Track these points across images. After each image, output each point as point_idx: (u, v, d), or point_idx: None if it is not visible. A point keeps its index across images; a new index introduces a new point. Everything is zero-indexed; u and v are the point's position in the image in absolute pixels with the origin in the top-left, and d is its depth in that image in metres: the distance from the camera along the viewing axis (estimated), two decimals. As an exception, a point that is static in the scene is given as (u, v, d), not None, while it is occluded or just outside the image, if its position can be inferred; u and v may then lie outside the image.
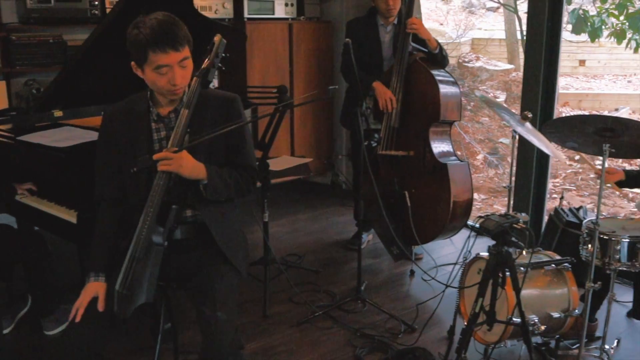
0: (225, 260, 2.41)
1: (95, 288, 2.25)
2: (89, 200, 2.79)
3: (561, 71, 9.40)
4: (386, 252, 4.06)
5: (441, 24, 10.65)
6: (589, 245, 2.94)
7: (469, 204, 3.90)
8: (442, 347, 3.15)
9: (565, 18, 6.91)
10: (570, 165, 6.86)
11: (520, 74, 8.51)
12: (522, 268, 2.94)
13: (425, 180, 3.88)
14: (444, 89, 3.79)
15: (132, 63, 2.21)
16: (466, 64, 8.81)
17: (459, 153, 4.08)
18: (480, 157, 7.03)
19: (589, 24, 6.71)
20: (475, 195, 6.46)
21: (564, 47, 9.13)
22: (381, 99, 3.90)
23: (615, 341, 3.27)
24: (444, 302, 3.35)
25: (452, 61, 8.22)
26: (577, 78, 9.39)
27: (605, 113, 8.38)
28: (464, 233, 3.82)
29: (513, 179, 3.50)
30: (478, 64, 8.84)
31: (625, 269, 2.92)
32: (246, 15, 4.80)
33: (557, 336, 3.16)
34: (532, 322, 2.94)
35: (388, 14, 4.03)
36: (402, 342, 3.25)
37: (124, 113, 2.36)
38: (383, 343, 3.23)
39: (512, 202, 3.49)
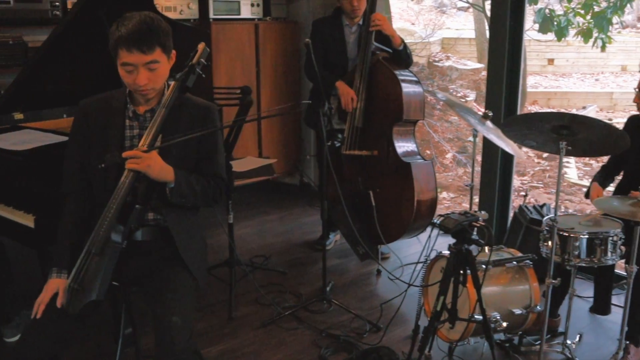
0: (184, 266, 2.39)
1: (57, 284, 2.22)
2: (47, 204, 2.76)
3: (530, 70, 9.58)
4: (353, 252, 4.06)
5: (412, 24, 10.71)
6: (549, 242, 2.96)
7: (433, 202, 3.91)
8: (407, 346, 3.14)
9: (532, 17, 7.01)
10: (539, 163, 6.95)
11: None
12: (483, 266, 2.97)
13: (389, 180, 3.89)
14: (406, 88, 3.80)
15: None
16: (436, 63, 8.87)
17: (428, 152, 4.10)
18: (449, 155, 7.08)
19: (555, 23, 6.78)
20: (445, 194, 6.53)
21: (533, 46, 9.30)
22: (343, 97, 3.90)
23: (578, 336, 3.31)
24: (409, 300, 3.36)
25: (422, 60, 8.27)
26: (546, 77, 9.52)
27: (574, 111, 8.50)
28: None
29: (476, 177, 3.52)
30: (448, 63, 8.90)
31: (584, 264, 2.95)
32: (212, 15, 4.77)
33: (520, 332, 3.18)
34: (494, 319, 2.97)
35: (353, 15, 4.03)
36: (367, 342, 3.25)
37: (99, 106, 2.36)
38: (348, 343, 3.23)
39: (475, 200, 3.51)
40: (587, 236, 2.90)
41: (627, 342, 3.06)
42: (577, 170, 6.92)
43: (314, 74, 3.58)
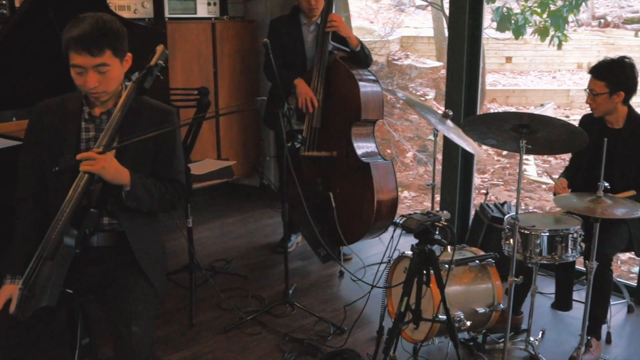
0: (142, 273, 2.33)
1: (10, 290, 2.14)
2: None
3: (488, 68, 9.68)
4: (315, 254, 4.01)
5: (371, 22, 10.72)
6: (511, 240, 2.97)
7: (394, 202, 3.89)
8: (371, 348, 3.11)
9: (490, 16, 7.07)
10: (498, 160, 7.01)
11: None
12: (445, 265, 2.96)
13: (349, 181, 3.86)
14: (364, 88, 3.77)
15: None
16: (395, 62, 8.89)
17: (388, 151, 4.08)
18: (409, 154, 7.09)
19: (512, 21, 6.85)
20: (406, 193, 6.54)
21: (491, 44, 9.40)
22: (301, 97, 3.85)
23: (540, 332, 3.33)
24: (372, 302, 3.33)
25: (381, 59, 8.27)
26: (504, 74, 9.63)
27: (531, 108, 8.63)
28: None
29: (437, 176, 3.51)
30: (407, 61, 8.93)
31: (546, 262, 2.96)
32: (167, 15, 4.66)
33: (484, 331, 3.18)
34: (458, 319, 2.96)
35: (310, 14, 3.99)
36: (331, 345, 3.21)
37: (55, 109, 2.31)
38: (312, 346, 3.18)
39: (437, 199, 3.50)
40: (548, 234, 2.91)
41: (589, 337, 3.08)
42: (536, 167, 7.01)
43: (273, 74, 3.52)
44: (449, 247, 3.07)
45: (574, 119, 8.55)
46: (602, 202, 2.74)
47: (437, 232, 2.65)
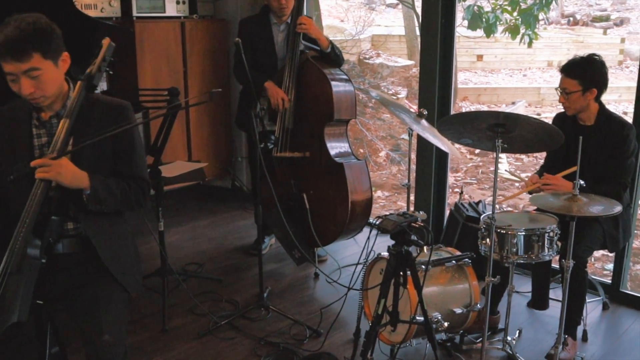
0: (113, 278, 2.25)
1: None
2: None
3: (460, 66, 9.71)
4: (289, 256, 3.96)
5: (342, 21, 10.69)
6: (487, 240, 2.95)
7: (368, 203, 3.85)
8: (348, 351, 3.08)
9: (461, 14, 7.08)
10: (471, 159, 7.03)
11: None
12: (422, 266, 2.93)
13: (323, 181, 3.81)
14: (336, 87, 3.72)
15: None
16: (367, 61, 8.87)
17: (361, 151, 4.04)
18: (382, 154, 7.06)
19: (483, 19, 6.87)
20: (379, 193, 6.51)
21: (462, 43, 9.43)
22: (273, 98, 3.79)
23: (517, 332, 3.32)
24: (349, 304, 3.28)
25: (352, 58, 8.24)
26: (476, 73, 9.67)
27: (503, 107, 8.68)
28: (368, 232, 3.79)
29: (412, 176, 3.48)
30: (378, 60, 8.92)
31: (522, 261, 2.94)
32: (135, 13, 4.55)
33: (462, 331, 3.16)
34: (436, 320, 2.93)
35: (281, 13, 3.93)
36: (307, 348, 3.17)
37: (4, 117, 2.24)
38: (288, 350, 3.13)
39: (412, 199, 3.47)
40: (524, 233, 2.90)
41: (565, 335, 3.08)
42: (509, 165, 7.04)
43: (244, 75, 3.45)
44: (425, 248, 3.03)
45: (545, 116, 8.63)
46: (579, 200, 2.73)
47: (413, 233, 2.62)
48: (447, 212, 4.27)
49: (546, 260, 2.97)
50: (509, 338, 3.15)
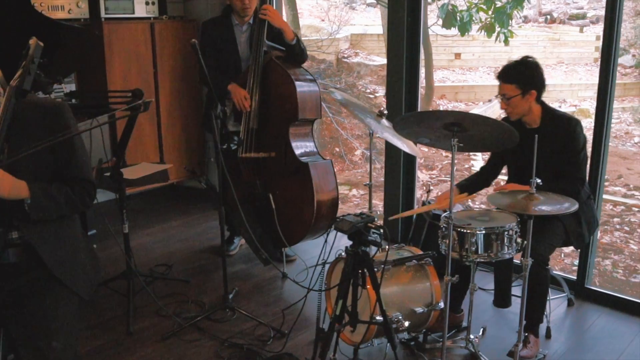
0: (61, 284, 2.23)
1: None
2: None
3: (438, 64, 9.73)
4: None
5: (322, 20, 10.68)
6: (447, 239, 2.96)
7: (334, 202, 3.85)
8: (311, 351, 3.08)
9: (435, 13, 7.10)
10: (447, 156, 7.04)
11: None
12: (381, 266, 2.94)
13: (288, 181, 3.81)
14: (301, 87, 3.71)
15: None
16: (345, 60, 8.87)
17: (337, 150, 4.04)
18: (358, 152, 7.07)
19: (458, 18, 6.89)
20: (354, 191, 6.52)
21: (440, 41, 9.43)
22: (236, 98, 3.78)
23: (481, 330, 3.33)
24: (313, 304, 3.28)
25: (330, 57, 8.23)
26: (454, 71, 9.69)
27: (480, 104, 8.70)
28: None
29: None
30: (357, 59, 8.92)
31: (482, 260, 2.95)
32: (103, 15, 4.53)
33: (424, 330, 3.17)
34: (396, 319, 2.94)
35: (243, 13, 3.92)
36: (271, 349, 3.16)
37: None
38: (251, 351, 3.13)
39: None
40: (483, 232, 2.90)
41: (526, 333, 3.10)
42: (483, 162, 7.05)
43: (205, 77, 3.44)
44: (384, 248, 3.04)
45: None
46: (535, 198, 2.75)
47: (373, 233, 2.62)
48: (417, 211, 4.27)
49: (506, 258, 2.98)
50: (471, 336, 3.16)
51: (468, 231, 2.92)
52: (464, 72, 9.66)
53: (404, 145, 3.18)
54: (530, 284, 3.03)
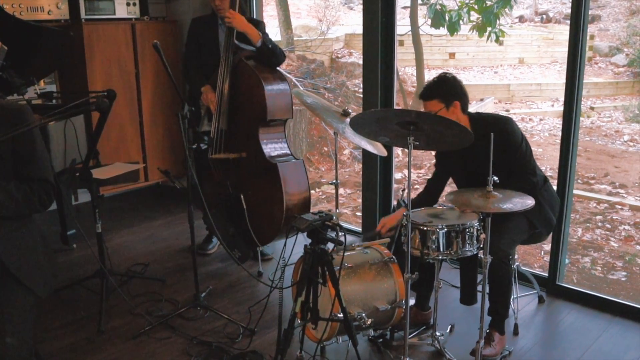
0: (18, 281, 2.28)
1: None
2: None
3: (432, 64, 9.72)
4: (235, 256, 3.99)
5: (320, 20, 10.69)
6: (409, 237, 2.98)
7: (305, 202, 3.88)
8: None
9: (424, 12, 7.12)
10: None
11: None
12: (345, 264, 2.97)
13: (258, 182, 3.84)
14: (270, 88, 3.74)
15: None
16: (339, 60, 8.88)
17: (325, 149, 4.06)
18: (346, 152, 7.09)
19: (447, 18, 6.90)
20: (341, 190, 6.54)
21: (434, 41, 9.42)
22: (204, 100, 3.88)
23: (449, 327, 3.35)
24: (286, 302, 3.30)
25: (323, 57, 8.25)
26: (448, 70, 9.68)
27: (473, 103, 8.69)
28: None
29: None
30: (351, 59, 8.93)
31: (443, 257, 2.97)
32: (83, 16, 4.58)
33: (390, 327, 3.19)
34: (359, 317, 2.95)
35: (219, 13, 3.96)
36: (239, 347, 3.19)
37: None
38: (220, 349, 3.16)
39: (338, 197, 3.52)
40: (444, 229, 2.93)
41: (487, 330, 3.11)
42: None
43: (187, 75, 3.47)
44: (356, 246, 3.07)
45: (514, 112, 8.66)
46: (492, 196, 2.77)
47: (336, 231, 2.65)
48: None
49: (468, 255, 3.00)
50: (437, 333, 3.19)
51: (429, 229, 2.94)
52: (458, 71, 9.66)
53: (368, 144, 3.20)
54: (492, 280, 3.05)
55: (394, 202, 4.30)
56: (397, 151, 7.14)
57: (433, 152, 3.62)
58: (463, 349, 3.15)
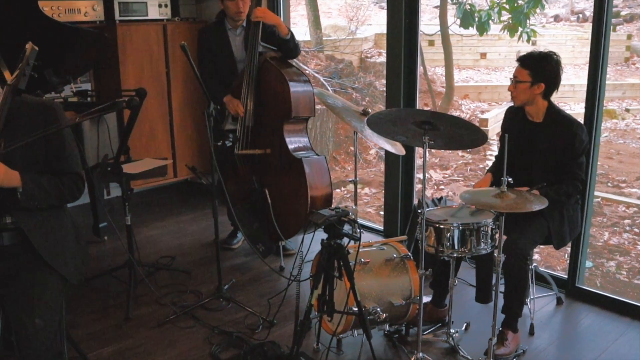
0: (48, 267, 2.42)
1: None
2: None
3: (463, 64, 9.71)
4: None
5: (351, 20, 10.77)
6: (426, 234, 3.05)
7: (328, 197, 3.97)
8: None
9: (454, 12, 7.13)
10: (462, 156, 7.07)
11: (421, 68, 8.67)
12: (361, 259, 3.06)
13: (283, 177, 3.94)
14: (294, 87, 3.84)
15: None
16: (369, 59, 8.94)
17: (351, 149, 4.15)
18: (372, 152, 7.15)
19: (476, 18, 6.91)
20: (366, 190, 6.62)
21: (465, 41, 9.40)
22: (231, 109, 3.98)
23: (465, 325, 3.40)
24: (305, 295, 3.39)
25: (350, 57, 8.31)
26: (479, 71, 9.66)
27: (504, 104, 8.67)
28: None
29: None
30: (380, 59, 8.98)
31: (457, 255, 3.03)
32: (117, 17, 4.74)
33: (406, 323, 3.26)
34: (374, 311, 3.03)
35: (237, 17, 4.06)
36: (258, 337, 3.29)
37: None
38: (240, 339, 3.27)
39: (357, 196, 3.60)
40: (460, 228, 2.98)
41: (500, 328, 3.16)
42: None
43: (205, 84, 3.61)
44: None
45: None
46: (506, 196, 2.82)
47: (350, 227, 2.73)
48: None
49: (482, 254, 3.05)
50: (452, 331, 3.24)
51: (444, 227, 3.00)
52: (489, 72, 9.63)
53: (387, 143, 3.27)
54: (508, 278, 3.10)
55: (415, 202, 4.36)
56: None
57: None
58: (478, 347, 3.19)
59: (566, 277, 3.81)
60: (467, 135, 2.76)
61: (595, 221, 5.71)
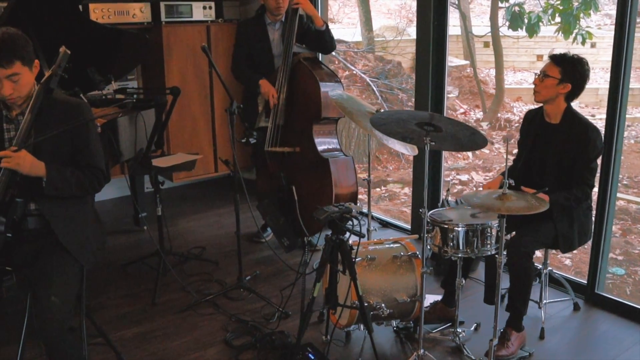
0: (67, 252, 2.64)
1: None
2: None
3: (518, 66, 9.54)
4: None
5: (410, 21, 10.76)
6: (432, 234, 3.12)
7: (353, 196, 4.08)
8: (311, 331, 3.32)
9: (501, 14, 7.07)
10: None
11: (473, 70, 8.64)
12: (368, 256, 3.15)
13: (310, 175, 4.08)
14: (324, 88, 3.97)
15: None
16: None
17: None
18: (414, 152, 7.17)
19: (525, 19, 6.83)
20: (407, 189, 6.65)
21: (521, 43, 9.23)
22: (264, 94, 4.14)
23: (474, 325, 3.44)
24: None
25: (403, 59, 8.34)
26: (534, 73, 9.46)
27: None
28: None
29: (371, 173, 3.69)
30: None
31: (462, 255, 3.08)
32: (163, 19, 4.99)
33: (412, 321, 3.34)
34: (378, 307, 3.12)
35: (277, 12, 4.20)
36: (272, 327, 3.44)
37: None
38: (254, 328, 3.43)
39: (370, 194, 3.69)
40: (464, 228, 3.04)
41: (501, 328, 3.18)
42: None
43: (239, 74, 3.75)
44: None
45: (601, 117, 8.35)
46: (508, 198, 2.85)
47: (354, 223, 2.83)
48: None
49: (487, 255, 3.10)
50: (459, 330, 3.29)
51: (449, 227, 3.06)
52: (546, 74, 9.43)
53: (398, 143, 3.35)
54: (512, 276, 3.14)
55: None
56: (467, 153, 7.15)
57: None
58: (484, 348, 3.20)
59: (585, 282, 3.77)
60: (467, 137, 2.81)
61: (635, 228, 5.56)
